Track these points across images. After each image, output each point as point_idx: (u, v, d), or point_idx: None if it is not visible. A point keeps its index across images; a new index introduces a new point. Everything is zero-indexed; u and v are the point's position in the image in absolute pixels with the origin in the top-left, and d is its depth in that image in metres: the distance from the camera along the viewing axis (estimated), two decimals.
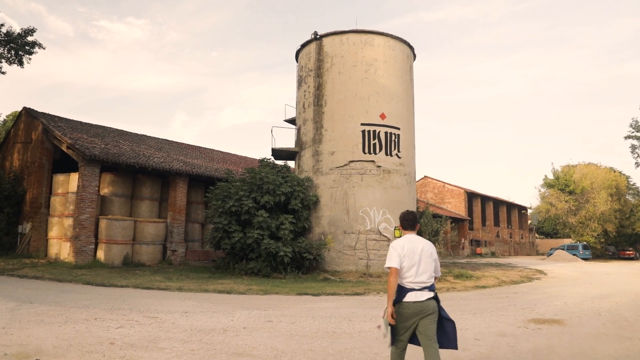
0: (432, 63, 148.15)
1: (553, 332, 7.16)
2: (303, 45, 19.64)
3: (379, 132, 17.48)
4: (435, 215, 22.40)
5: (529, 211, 62.96)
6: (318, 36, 18.72)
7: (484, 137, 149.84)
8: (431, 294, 4.01)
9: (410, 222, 4.24)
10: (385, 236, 16.59)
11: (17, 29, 19.71)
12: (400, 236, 4.26)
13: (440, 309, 4.10)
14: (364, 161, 17.22)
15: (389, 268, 4.00)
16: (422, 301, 3.95)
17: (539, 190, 48.90)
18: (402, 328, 3.99)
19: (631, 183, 52.03)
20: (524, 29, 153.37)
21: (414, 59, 20.37)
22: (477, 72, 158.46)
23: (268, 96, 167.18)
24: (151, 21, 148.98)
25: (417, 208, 19.24)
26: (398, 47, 18.79)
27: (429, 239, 19.07)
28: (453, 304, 10.47)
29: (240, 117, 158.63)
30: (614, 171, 47.93)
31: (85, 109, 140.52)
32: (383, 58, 18.16)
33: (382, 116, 17.59)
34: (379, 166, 17.26)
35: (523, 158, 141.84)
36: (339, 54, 18.16)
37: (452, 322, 4.17)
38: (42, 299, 9.14)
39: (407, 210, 4.36)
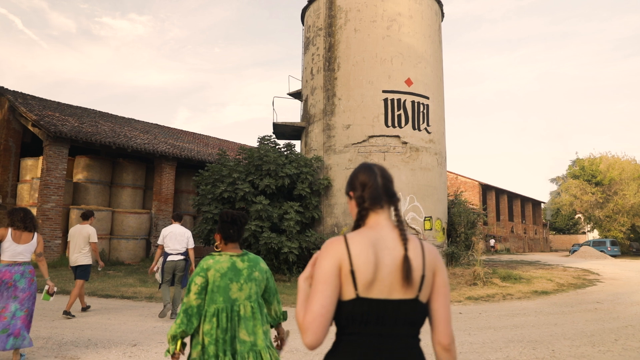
0: None
1: None
2: (310, 2, 16.36)
3: (405, 101, 14.24)
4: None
5: (543, 205, 59.58)
6: None
7: (490, 131, 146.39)
8: (182, 257, 7.25)
9: (177, 217, 7.44)
10: (414, 228, 13.34)
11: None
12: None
13: (187, 268, 7.34)
14: (387, 136, 13.96)
15: (157, 245, 7.45)
16: (176, 260, 7.19)
17: (562, 182, 45.46)
18: (167, 275, 7.18)
19: None
20: (528, 24, 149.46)
21: (442, 19, 17.14)
22: (483, 68, 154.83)
23: (272, 92, 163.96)
24: (154, 17, 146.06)
25: (447, 195, 15.98)
26: (425, 0, 15.56)
27: (464, 232, 15.92)
28: (532, 321, 7.29)
29: (243, 113, 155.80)
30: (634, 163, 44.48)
31: (89, 105, 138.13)
32: (408, 13, 14.90)
33: (408, 82, 14.36)
34: (405, 142, 14.01)
35: (531, 151, 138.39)
36: (354, 7, 14.90)
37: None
38: None
39: (176, 212, 7.75)
